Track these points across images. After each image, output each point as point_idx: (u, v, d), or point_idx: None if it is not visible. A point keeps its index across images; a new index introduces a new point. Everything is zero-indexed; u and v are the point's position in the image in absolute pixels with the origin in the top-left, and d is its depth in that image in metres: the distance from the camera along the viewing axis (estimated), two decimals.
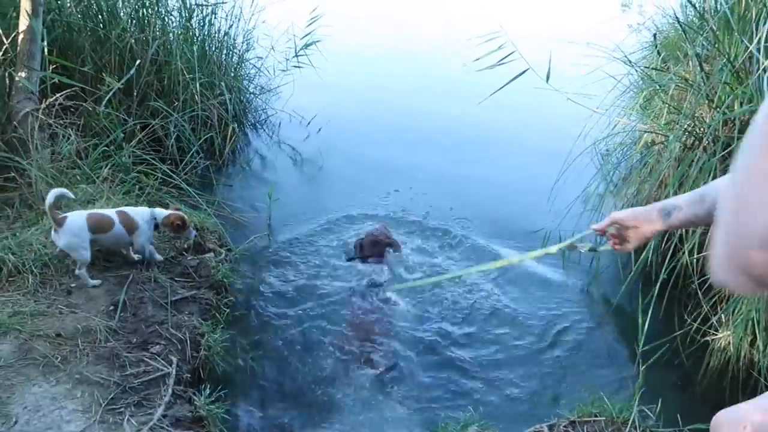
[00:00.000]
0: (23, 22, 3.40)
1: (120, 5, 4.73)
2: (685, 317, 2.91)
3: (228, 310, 3.09)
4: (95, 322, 2.62)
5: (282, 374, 2.87)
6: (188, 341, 2.68)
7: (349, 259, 3.81)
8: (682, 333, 2.92)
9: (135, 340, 2.62)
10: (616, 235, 1.57)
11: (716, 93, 3.49)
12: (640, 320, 2.45)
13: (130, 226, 2.97)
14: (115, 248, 3.10)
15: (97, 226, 2.86)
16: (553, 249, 1.83)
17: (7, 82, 3.44)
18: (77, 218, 2.81)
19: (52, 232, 2.80)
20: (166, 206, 3.65)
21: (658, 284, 2.95)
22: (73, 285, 2.86)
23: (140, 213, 3.03)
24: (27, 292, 2.73)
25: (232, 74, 5.43)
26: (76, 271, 2.84)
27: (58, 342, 2.48)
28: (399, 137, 5.85)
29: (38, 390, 2.24)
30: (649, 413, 2.40)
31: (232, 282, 3.32)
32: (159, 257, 3.16)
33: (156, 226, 3.08)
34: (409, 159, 5.38)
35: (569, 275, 3.64)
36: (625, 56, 4.40)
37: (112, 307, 2.77)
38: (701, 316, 2.97)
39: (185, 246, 3.36)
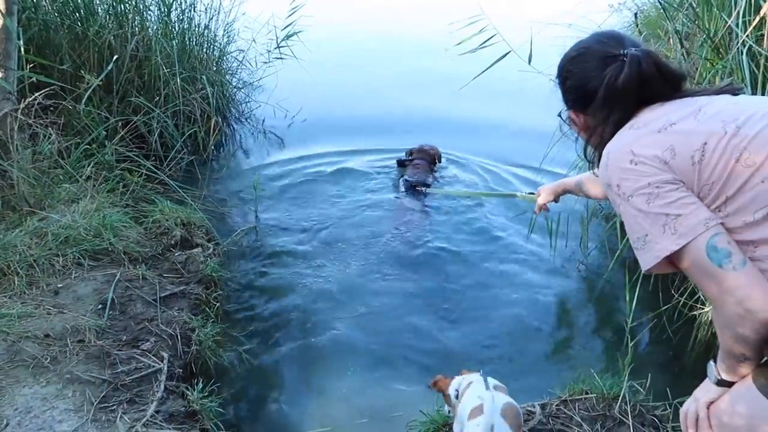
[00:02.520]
0: None
1: (97, 1, 4.65)
2: (672, 292, 2.93)
3: (218, 304, 3.08)
4: (84, 321, 2.60)
5: (275, 365, 2.88)
6: (179, 337, 2.67)
7: (398, 162, 4.80)
8: (669, 308, 2.95)
9: (125, 337, 2.61)
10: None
11: (697, 69, 3.51)
12: (627, 296, 2.47)
13: None
14: None
15: None
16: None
17: None
18: None
19: None
20: (151, 202, 3.65)
21: None
22: (60, 285, 2.84)
23: None
24: (13, 294, 2.71)
25: (214, 68, 5.37)
26: None
27: (47, 343, 2.47)
28: (383, 124, 5.83)
29: (29, 391, 2.23)
30: (639, 388, 2.43)
31: (221, 276, 3.31)
32: None
33: None
34: (394, 144, 5.37)
35: (557, 254, 3.66)
36: None
37: (100, 306, 2.75)
38: (688, 291, 2.99)
39: (172, 242, 3.34)
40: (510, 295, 3.40)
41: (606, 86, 1.40)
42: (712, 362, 1.38)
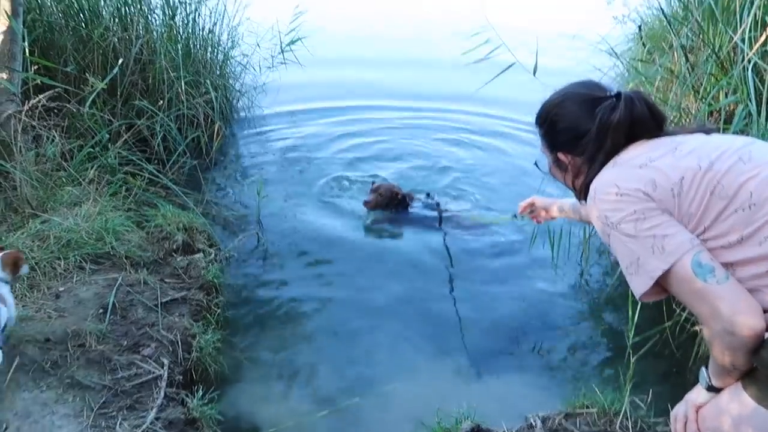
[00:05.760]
0: (2, 23, 3.34)
1: (102, 4, 4.66)
2: (674, 307, 2.92)
3: (219, 311, 3.07)
4: (84, 325, 2.59)
5: (275, 372, 2.86)
6: (179, 343, 2.66)
7: (407, 204, 4.25)
8: (671, 324, 2.94)
9: (125, 342, 2.59)
10: (534, 215, 2.35)
11: (701, 84, 3.51)
12: (629, 312, 2.46)
13: None
14: None
15: None
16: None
17: None
18: None
19: None
20: (153, 206, 3.64)
21: None
22: (61, 289, 2.83)
23: None
24: (14, 296, 2.69)
25: (218, 72, 5.39)
26: None
27: (48, 347, 2.46)
28: (387, 131, 5.84)
29: (28, 395, 2.22)
30: (641, 404, 2.42)
31: (223, 282, 3.30)
32: None
33: None
34: (398, 152, 5.38)
35: (558, 269, 3.66)
36: (611, 48, 4.41)
37: (101, 311, 2.74)
38: None
39: (174, 247, 3.34)
40: (511, 307, 3.39)
41: (599, 123, 1.51)
42: (704, 368, 1.48)
